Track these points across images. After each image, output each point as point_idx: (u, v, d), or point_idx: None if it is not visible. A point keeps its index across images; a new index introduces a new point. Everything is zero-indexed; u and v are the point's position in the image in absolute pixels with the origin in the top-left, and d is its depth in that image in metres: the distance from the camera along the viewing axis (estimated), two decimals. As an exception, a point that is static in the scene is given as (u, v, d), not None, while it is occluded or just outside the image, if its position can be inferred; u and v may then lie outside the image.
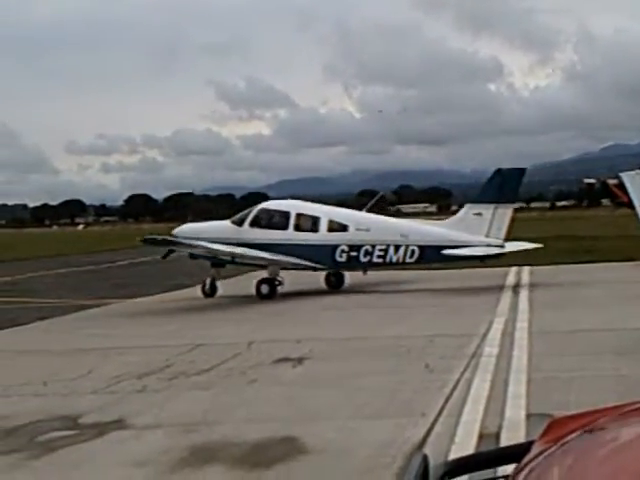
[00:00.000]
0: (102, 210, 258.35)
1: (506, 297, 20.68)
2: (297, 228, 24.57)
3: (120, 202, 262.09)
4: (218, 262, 24.17)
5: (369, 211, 27.11)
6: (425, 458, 2.11)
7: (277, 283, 23.92)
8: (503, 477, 2.10)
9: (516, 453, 2.17)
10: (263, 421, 9.26)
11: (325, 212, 25.35)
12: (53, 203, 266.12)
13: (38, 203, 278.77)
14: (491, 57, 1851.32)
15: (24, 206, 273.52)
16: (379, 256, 23.89)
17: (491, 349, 13.06)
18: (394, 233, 24.00)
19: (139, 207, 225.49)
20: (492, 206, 23.91)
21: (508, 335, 14.42)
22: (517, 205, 25.13)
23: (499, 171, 24.66)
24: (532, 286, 23.10)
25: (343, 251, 24.11)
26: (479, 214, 23.99)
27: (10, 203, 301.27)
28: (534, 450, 2.07)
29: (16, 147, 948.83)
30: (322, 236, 24.30)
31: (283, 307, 21.42)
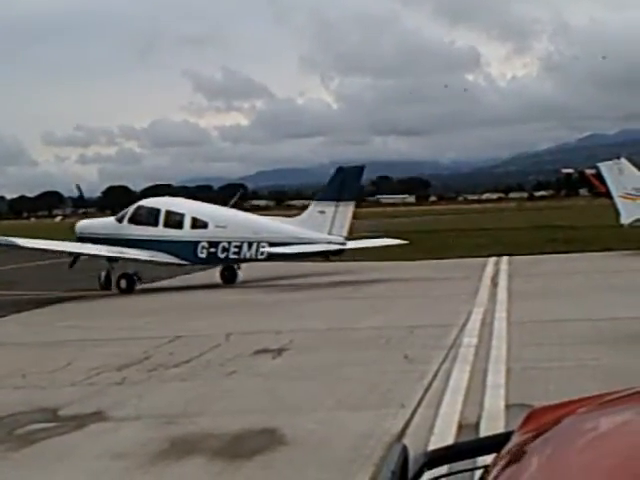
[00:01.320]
0: (80, 202, 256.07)
1: (485, 287, 20.73)
2: (166, 225, 25.48)
3: (98, 194, 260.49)
4: (112, 257, 24.98)
5: (233, 207, 27.69)
6: (404, 449, 2.10)
7: (136, 278, 24.73)
8: (482, 467, 2.09)
9: (495, 443, 2.17)
10: (243, 413, 9.24)
11: (190, 209, 26.18)
12: (30, 195, 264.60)
13: (15, 195, 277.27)
14: (469, 47, 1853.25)
15: (1, 198, 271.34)
16: (235, 252, 24.63)
17: (470, 339, 13.09)
18: (247, 230, 24.77)
19: (117, 199, 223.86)
20: (334, 204, 24.65)
21: (487, 325, 14.46)
22: (356, 202, 25.96)
23: (340, 169, 25.49)
24: (511, 276, 23.17)
25: (204, 247, 24.95)
26: (322, 212, 24.77)
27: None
28: (513, 440, 2.06)
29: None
30: (186, 233, 25.16)
31: (263, 299, 21.38)
